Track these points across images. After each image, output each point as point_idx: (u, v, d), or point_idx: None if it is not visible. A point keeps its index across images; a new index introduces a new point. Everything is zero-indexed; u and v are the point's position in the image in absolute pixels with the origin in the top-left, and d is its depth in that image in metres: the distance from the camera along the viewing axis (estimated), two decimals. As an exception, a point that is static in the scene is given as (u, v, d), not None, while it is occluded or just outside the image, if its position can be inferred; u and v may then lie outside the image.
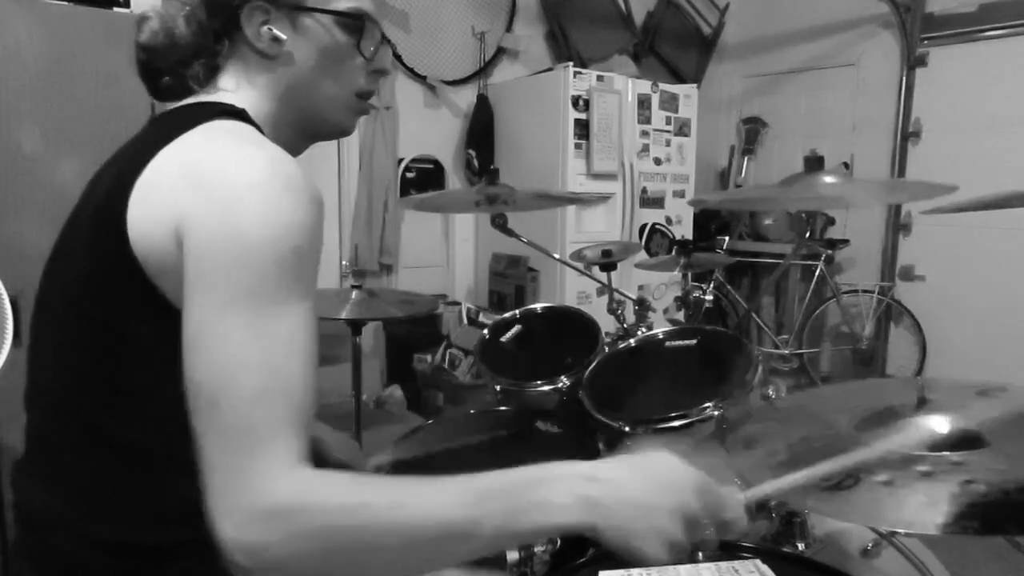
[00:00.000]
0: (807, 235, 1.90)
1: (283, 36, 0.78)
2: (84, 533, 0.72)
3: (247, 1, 0.77)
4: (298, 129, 0.84)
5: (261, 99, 0.80)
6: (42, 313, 0.79)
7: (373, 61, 0.85)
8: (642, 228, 3.85)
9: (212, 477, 0.57)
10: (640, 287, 3.68)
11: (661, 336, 1.42)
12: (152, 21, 0.80)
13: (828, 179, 1.32)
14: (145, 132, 0.80)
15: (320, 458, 1.24)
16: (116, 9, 2.08)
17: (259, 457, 0.57)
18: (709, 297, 1.79)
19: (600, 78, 3.58)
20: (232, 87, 0.80)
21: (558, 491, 0.59)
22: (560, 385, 1.49)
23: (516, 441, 1.36)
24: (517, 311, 1.79)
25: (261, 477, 0.56)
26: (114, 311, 0.70)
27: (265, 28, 0.78)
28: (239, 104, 0.78)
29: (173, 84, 0.82)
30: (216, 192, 0.64)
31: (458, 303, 3.71)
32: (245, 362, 0.59)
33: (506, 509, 0.58)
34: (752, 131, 4.88)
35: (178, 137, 0.70)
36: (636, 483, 0.61)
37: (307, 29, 0.80)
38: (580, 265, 1.89)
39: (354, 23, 0.82)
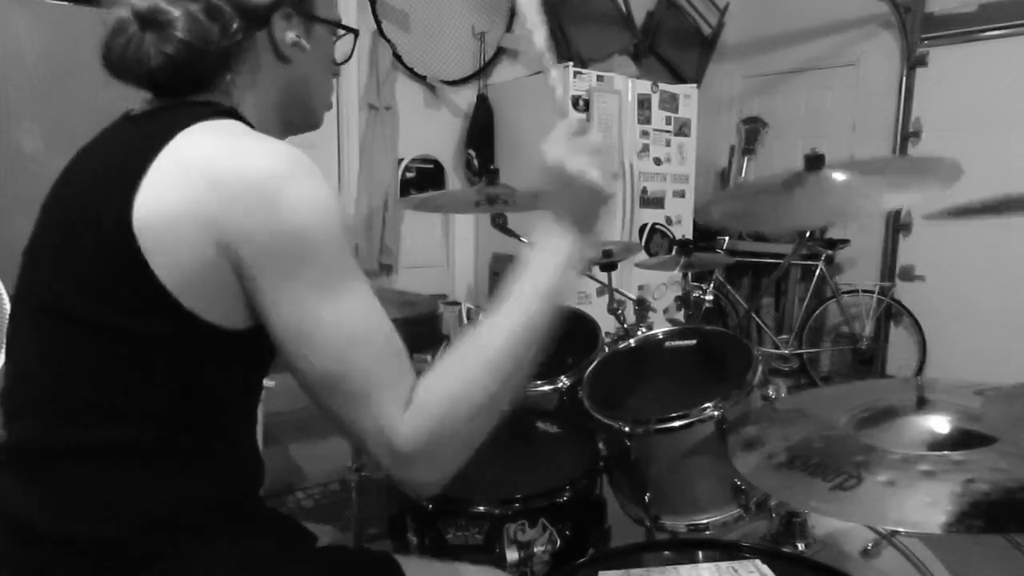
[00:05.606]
0: (807, 235, 1.90)
1: (307, 44, 0.84)
2: (62, 533, 0.70)
3: (278, 7, 0.81)
4: (282, 124, 0.87)
5: (255, 96, 0.83)
6: (26, 316, 0.77)
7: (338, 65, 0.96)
8: (642, 228, 3.85)
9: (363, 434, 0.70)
10: (640, 287, 3.68)
11: (661, 336, 1.42)
12: (181, 19, 0.76)
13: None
14: (130, 132, 0.79)
15: None
16: (116, 9, 2.08)
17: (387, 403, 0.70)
18: (709, 297, 1.79)
19: (600, 78, 3.58)
20: (236, 84, 0.81)
21: (552, 273, 0.81)
22: (560, 385, 1.49)
23: (516, 441, 1.36)
24: (517, 311, 1.78)
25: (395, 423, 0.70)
26: (116, 314, 0.69)
27: (291, 34, 0.82)
28: (232, 102, 0.80)
29: (176, 81, 0.80)
30: (253, 192, 0.67)
31: (458, 303, 3.70)
32: (353, 337, 0.69)
33: (540, 299, 0.78)
34: (752, 131, 4.88)
35: (174, 137, 0.70)
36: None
37: (316, 36, 0.86)
38: (580, 265, 1.88)
39: (343, 32, 0.91)
